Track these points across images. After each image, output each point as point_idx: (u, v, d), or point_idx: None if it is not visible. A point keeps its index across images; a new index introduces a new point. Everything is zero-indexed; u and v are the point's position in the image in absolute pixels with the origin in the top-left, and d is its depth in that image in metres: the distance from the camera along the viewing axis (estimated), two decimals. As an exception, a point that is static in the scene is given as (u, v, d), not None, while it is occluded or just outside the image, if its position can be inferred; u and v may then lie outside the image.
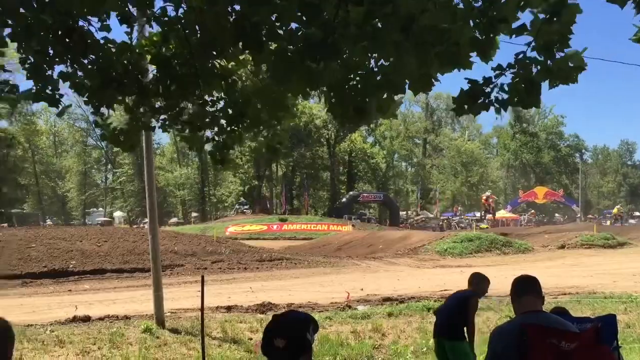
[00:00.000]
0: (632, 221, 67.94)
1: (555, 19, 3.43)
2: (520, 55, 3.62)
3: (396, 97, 4.18)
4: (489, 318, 10.59)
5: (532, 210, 73.34)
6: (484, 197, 57.66)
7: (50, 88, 3.90)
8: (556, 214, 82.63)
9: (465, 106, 3.86)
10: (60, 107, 4.11)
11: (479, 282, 6.17)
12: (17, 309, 12.21)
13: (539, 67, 3.62)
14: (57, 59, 3.76)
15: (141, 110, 4.39)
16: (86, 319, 10.70)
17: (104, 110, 4.25)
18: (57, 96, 3.95)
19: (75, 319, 10.67)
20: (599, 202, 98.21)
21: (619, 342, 5.07)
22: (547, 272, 17.72)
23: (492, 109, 3.85)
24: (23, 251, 20.09)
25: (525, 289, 3.40)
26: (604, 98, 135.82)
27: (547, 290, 13.61)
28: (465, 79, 3.81)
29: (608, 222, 56.42)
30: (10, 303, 13.33)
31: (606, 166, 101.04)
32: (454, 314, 6.08)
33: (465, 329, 6.03)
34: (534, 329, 3.04)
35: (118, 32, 3.99)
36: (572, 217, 73.37)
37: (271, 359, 2.17)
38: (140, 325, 9.80)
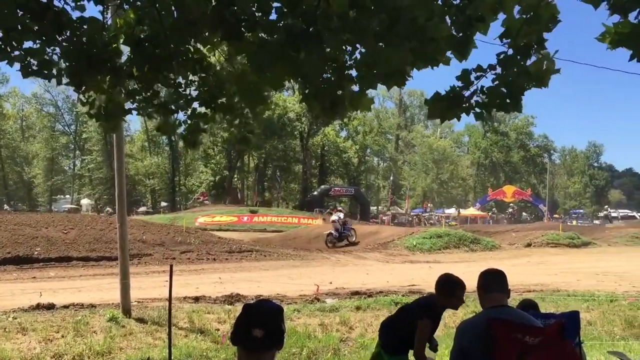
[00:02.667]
0: (596, 222, 69.73)
1: (533, 19, 3.46)
2: (502, 56, 3.63)
3: (369, 93, 4.19)
4: (456, 313, 10.73)
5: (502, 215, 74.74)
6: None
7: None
8: (524, 213, 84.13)
9: (440, 110, 3.85)
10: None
11: (441, 289, 4.69)
12: (-21, 296, 11.93)
13: (515, 68, 3.65)
14: (25, 36, 3.67)
15: (117, 91, 4.34)
16: (50, 307, 10.50)
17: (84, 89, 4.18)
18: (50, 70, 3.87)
19: (39, 306, 10.46)
20: (565, 203, 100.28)
21: (581, 339, 5.19)
22: (513, 270, 17.98)
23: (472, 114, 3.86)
24: (-14, 236, 19.61)
25: (492, 283, 3.46)
26: (574, 99, 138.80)
27: (513, 287, 13.82)
28: (451, 87, 3.80)
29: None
30: (-29, 289, 13.01)
31: (573, 167, 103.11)
32: (401, 328, 4.86)
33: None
34: (500, 324, 3.09)
35: (95, 13, 3.93)
36: (539, 216, 74.81)
37: (246, 349, 2.14)
38: (106, 314, 9.66)
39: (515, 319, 3.22)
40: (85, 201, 78.39)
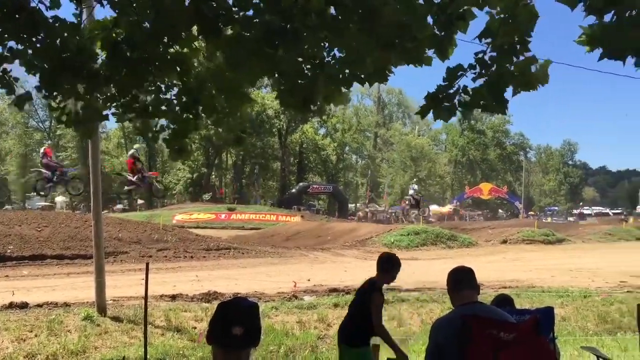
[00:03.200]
0: (570, 219, 70.88)
1: (511, 20, 3.48)
2: (480, 55, 3.65)
3: (344, 89, 4.18)
4: (432, 310, 10.81)
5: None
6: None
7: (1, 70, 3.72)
8: (500, 210, 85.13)
9: (432, 111, 3.87)
10: (17, 95, 3.94)
11: (383, 266, 5.14)
12: (-51, 295, 11.68)
13: (497, 68, 3.66)
14: (6, 36, 3.59)
15: (94, 97, 4.24)
16: (23, 306, 10.34)
17: (56, 95, 4.08)
18: (9, 78, 3.76)
19: (11, 305, 10.29)
20: (540, 200, 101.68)
21: (555, 334, 5.27)
22: (489, 266, 18.22)
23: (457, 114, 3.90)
24: (-43, 234, 19.24)
25: (462, 281, 3.48)
26: (550, 98, 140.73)
27: (489, 283, 14.04)
28: (437, 86, 3.83)
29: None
30: (-59, 288, 12.73)
31: (548, 165, 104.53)
32: (356, 314, 5.14)
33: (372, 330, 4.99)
34: (474, 320, 3.11)
35: (69, 16, 3.86)
36: (515, 213, 75.72)
37: (225, 347, 2.13)
38: (81, 312, 9.54)
39: (489, 315, 3.25)
40: (59, 199, 77.07)
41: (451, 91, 3.78)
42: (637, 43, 3.15)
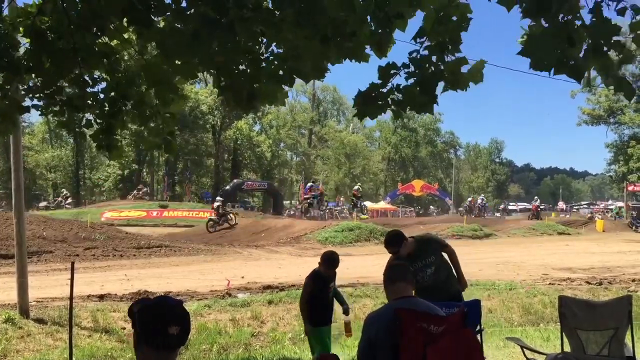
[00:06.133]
0: (497, 214, 73.59)
1: (444, 19, 3.54)
2: (414, 54, 3.70)
3: (285, 87, 4.15)
4: (366, 305, 10.96)
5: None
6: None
7: None
8: (431, 207, 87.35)
9: (364, 109, 3.89)
10: None
11: (324, 261, 6.56)
12: None
13: (432, 68, 3.72)
14: None
15: (14, 87, 4.02)
16: (-63, 310, 9.76)
17: None
18: None
19: None
20: (469, 196, 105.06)
21: (482, 326, 5.46)
22: (420, 261, 18.58)
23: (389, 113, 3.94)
24: None
25: (397, 275, 3.55)
26: (479, 98, 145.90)
27: (420, 278, 14.34)
28: (370, 84, 3.84)
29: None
30: None
31: (477, 162, 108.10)
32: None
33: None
34: (406, 313, 3.18)
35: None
36: (445, 209, 77.94)
37: (159, 348, 2.06)
38: (1, 315, 9.09)
39: (420, 308, 3.32)
40: (-22, 196, 73.24)
41: (385, 90, 3.82)
42: (558, 55, 3.23)
